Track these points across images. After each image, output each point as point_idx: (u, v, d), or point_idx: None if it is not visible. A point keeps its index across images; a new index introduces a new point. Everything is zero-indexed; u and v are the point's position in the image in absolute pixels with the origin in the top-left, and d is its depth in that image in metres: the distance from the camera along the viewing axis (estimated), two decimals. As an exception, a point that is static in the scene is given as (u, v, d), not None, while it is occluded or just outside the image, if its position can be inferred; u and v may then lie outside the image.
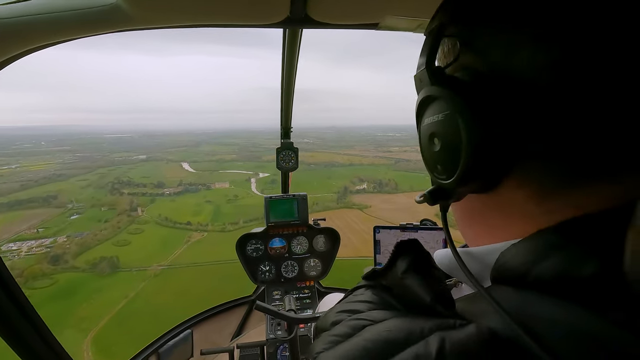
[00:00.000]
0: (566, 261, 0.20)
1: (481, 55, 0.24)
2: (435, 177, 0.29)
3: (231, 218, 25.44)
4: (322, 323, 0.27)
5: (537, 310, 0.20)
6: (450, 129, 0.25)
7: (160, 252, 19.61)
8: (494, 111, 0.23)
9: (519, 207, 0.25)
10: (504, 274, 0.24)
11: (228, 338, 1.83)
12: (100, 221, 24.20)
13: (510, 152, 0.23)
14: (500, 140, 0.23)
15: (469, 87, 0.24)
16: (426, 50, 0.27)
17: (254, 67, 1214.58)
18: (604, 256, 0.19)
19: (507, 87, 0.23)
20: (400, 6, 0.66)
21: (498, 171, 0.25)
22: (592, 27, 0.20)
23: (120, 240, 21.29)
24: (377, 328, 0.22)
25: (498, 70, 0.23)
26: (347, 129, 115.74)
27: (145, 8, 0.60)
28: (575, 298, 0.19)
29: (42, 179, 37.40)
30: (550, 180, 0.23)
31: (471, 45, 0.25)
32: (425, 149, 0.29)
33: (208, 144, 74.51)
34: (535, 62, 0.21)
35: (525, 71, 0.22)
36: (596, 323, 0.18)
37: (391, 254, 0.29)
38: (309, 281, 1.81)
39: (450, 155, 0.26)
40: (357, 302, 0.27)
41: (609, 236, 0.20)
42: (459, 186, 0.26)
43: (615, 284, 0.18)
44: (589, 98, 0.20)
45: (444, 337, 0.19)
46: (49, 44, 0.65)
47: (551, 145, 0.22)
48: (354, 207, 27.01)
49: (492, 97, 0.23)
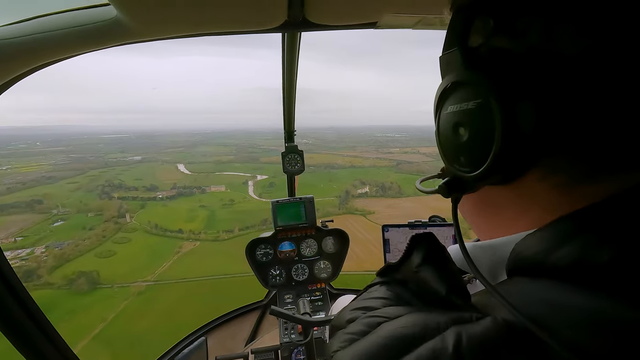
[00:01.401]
0: (583, 248, 0.20)
1: (519, 37, 0.22)
2: (455, 169, 0.27)
3: (226, 225, 23.84)
4: (338, 321, 0.27)
5: (554, 298, 0.20)
6: (482, 118, 0.23)
7: (147, 265, 17.96)
8: (531, 99, 0.22)
9: (540, 198, 0.24)
10: (520, 265, 0.23)
11: (242, 344, 1.84)
12: (84, 229, 22.53)
13: (542, 144, 0.22)
14: (535, 133, 0.22)
15: (507, 73, 0.22)
16: (458, 28, 0.25)
17: (253, 67, 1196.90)
18: (621, 241, 0.19)
19: (546, 73, 0.21)
20: (398, 3, 0.66)
21: (527, 163, 0.24)
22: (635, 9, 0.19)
23: (104, 252, 19.48)
24: (392, 324, 0.22)
25: (536, 54, 0.21)
26: (346, 130, 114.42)
27: (145, 21, 0.61)
28: (592, 284, 0.19)
29: (30, 181, 35.76)
30: (577, 172, 0.22)
31: (507, 26, 0.23)
32: (447, 139, 0.27)
33: (205, 144, 72.92)
34: (577, 48, 0.20)
35: (565, 57, 0.20)
36: (615, 306, 0.17)
37: (406, 248, 0.29)
38: (320, 283, 1.79)
39: (478, 146, 0.24)
40: (371, 298, 0.27)
41: (626, 220, 0.19)
42: (483, 179, 0.25)
43: (634, 269, 0.18)
44: (627, 90, 0.20)
45: (460, 331, 0.19)
46: (52, 61, 0.66)
47: (584, 136, 0.21)
48: (356, 212, 25.50)
49: (530, 84, 0.22)
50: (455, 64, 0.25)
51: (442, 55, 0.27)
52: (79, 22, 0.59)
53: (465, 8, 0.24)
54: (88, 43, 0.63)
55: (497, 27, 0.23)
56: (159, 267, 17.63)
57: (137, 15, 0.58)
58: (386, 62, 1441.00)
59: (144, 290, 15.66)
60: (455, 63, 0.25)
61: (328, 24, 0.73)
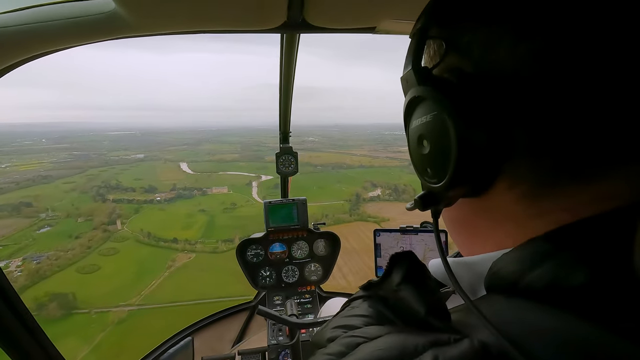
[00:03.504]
0: (556, 270, 0.20)
1: (465, 54, 0.24)
2: (425, 181, 0.28)
3: (226, 233, 21.62)
4: (318, 339, 0.27)
5: (528, 319, 0.20)
6: (438, 129, 0.25)
7: (134, 283, 15.75)
8: (481, 110, 0.23)
9: (508, 210, 0.25)
10: (496, 283, 0.24)
11: (229, 345, 1.83)
12: (70, 237, 20.51)
13: (499, 151, 0.23)
14: (489, 139, 0.23)
15: (455, 87, 0.24)
16: (411, 51, 0.27)
17: (259, 64, 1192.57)
18: (595, 264, 0.19)
19: (493, 84, 0.23)
20: (398, 10, 0.67)
21: (489, 171, 0.24)
22: (571, 13, 0.20)
23: (87, 266, 17.20)
24: (370, 346, 0.22)
25: (482, 67, 0.23)
26: (352, 127, 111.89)
27: (142, 15, 0.61)
28: (567, 306, 0.19)
29: (25, 180, 34.17)
30: (540, 179, 0.23)
31: (455, 45, 0.25)
32: (415, 152, 0.29)
33: (209, 142, 71.19)
34: (516, 55, 0.21)
35: (508, 65, 0.22)
36: (587, 329, 0.18)
37: (387, 266, 0.29)
38: (310, 286, 1.78)
39: (439, 157, 0.25)
40: (353, 316, 0.27)
41: (600, 242, 0.20)
42: (450, 189, 0.26)
43: (607, 292, 0.18)
44: (572, 87, 0.20)
45: (437, 354, 0.19)
46: (48, 51, 0.66)
47: (539, 139, 0.22)
48: (369, 219, 23.10)
49: (478, 96, 0.23)
50: (411, 82, 0.27)
51: (402, 76, 0.28)
52: (76, 14, 0.59)
53: (419, 33, 0.26)
54: (84, 35, 0.62)
55: (448, 49, 0.26)
56: (147, 287, 15.42)
57: (135, 9, 0.58)
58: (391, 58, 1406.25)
59: (126, 318, 13.42)
60: (411, 81, 0.27)
61: (327, 26, 0.74)
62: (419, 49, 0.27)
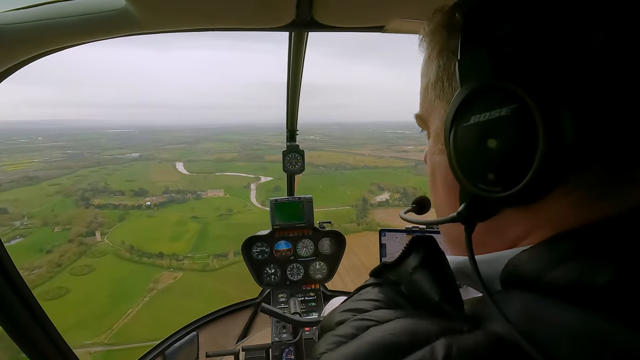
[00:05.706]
0: (581, 269, 0.20)
1: (544, 40, 0.21)
2: (479, 189, 0.24)
3: (219, 246, 19.19)
4: (327, 323, 0.27)
5: (546, 314, 0.20)
6: (519, 126, 0.21)
7: (107, 312, 13.36)
8: (571, 105, 0.20)
9: (552, 218, 0.23)
10: (515, 279, 0.23)
11: (233, 341, 1.86)
12: (42, 251, 18.09)
13: (584, 154, 0.21)
14: (577, 141, 0.20)
15: (543, 76, 0.21)
16: (480, 25, 0.23)
17: (259, 62, 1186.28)
18: (620, 263, 0.19)
19: (583, 75, 0.20)
20: (407, 9, 0.66)
21: (561, 177, 0.22)
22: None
23: (53, 290, 14.47)
24: (381, 329, 0.22)
25: (568, 55, 0.20)
26: (354, 126, 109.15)
27: (153, 13, 0.62)
28: (590, 304, 0.19)
29: (8, 182, 31.87)
30: (604, 185, 0.22)
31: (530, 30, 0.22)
32: (470, 156, 0.24)
33: (208, 140, 68.79)
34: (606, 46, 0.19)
35: (599, 52, 0.20)
36: (602, 324, 0.17)
37: (405, 248, 0.28)
38: (315, 284, 1.82)
39: (516, 159, 0.22)
40: (362, 300, 0.26)
41: (623, 242, 0.19)
42: (518, 198, 0.22)
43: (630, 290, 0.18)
44: None
45: (450, 343, 0.18)
46: (58, 48, 0.66)
47: (620, 142, 0.21)
48: (379, 228, 20.62)
49: (568, 88, 0.20)
50: (479, 68, 0.23)
51: (461, 59, 0.24)
52: (87, 11, 0.59)
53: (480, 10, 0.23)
54: (95, 32, 0.63)
55: (515, 32, 0.22)
56: (120, 317, 13.03)
57: (145, 6, 0.58)
58: (394, 55, 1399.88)
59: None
60: (479, 67, 0.23)
61: (335, 25, 0.74)
62: (491, 29, 0.22)
